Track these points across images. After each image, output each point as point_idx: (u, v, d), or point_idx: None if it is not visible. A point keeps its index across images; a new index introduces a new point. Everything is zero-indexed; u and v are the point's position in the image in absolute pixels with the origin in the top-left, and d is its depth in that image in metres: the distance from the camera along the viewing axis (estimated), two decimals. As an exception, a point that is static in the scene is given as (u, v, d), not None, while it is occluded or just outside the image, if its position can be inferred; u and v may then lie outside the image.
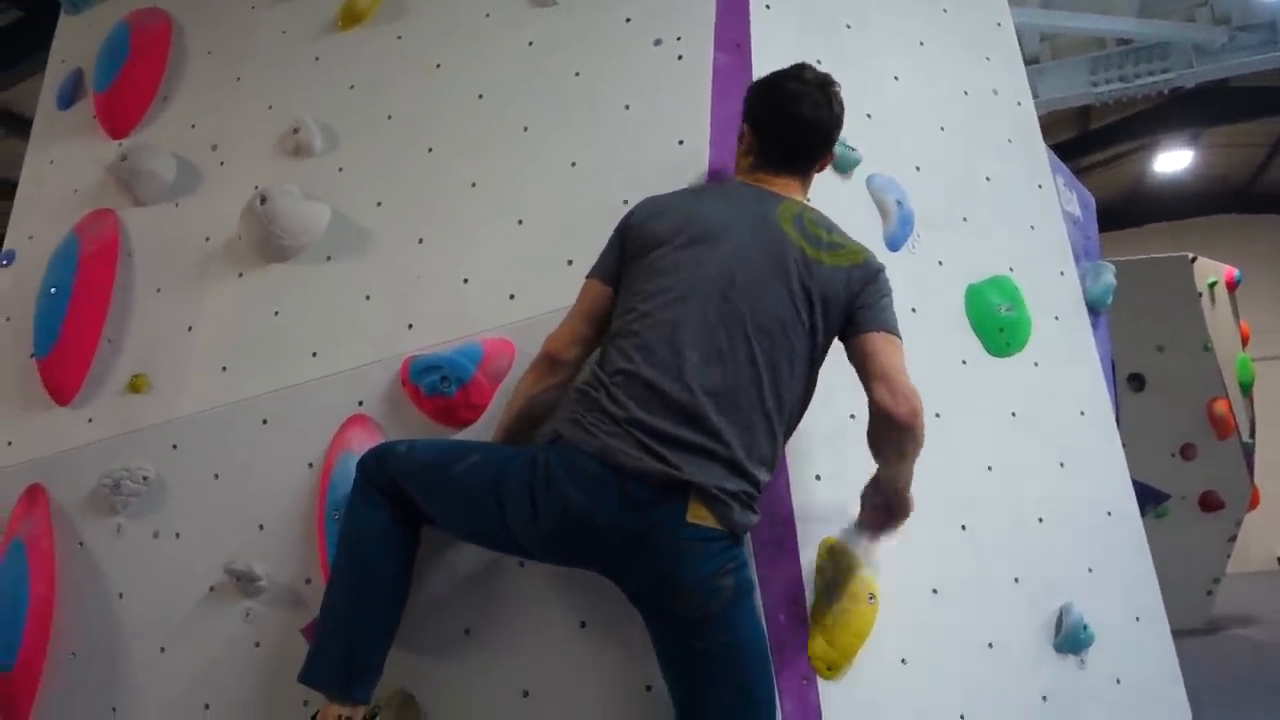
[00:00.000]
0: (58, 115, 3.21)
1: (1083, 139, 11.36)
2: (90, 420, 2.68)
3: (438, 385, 2.25)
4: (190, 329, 2.67)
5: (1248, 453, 7.75)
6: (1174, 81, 6.81)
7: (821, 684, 2.04)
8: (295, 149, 2.75)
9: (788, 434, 1.99)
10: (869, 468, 2.13)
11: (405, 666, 2.18)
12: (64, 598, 2.56)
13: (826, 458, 2.22)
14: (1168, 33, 6.55)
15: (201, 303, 2.69)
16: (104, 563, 2.55)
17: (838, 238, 2.02)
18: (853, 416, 2.26)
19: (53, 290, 2.75)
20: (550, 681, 2.12)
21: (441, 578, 2.24)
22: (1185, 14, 6.64)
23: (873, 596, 2.09)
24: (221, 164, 2.86)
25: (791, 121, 2.08)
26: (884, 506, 2.12)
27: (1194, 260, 7.63)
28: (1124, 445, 2.77)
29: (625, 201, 2.20)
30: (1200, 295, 7.60)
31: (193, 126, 2.96)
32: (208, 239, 2.76)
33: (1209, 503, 7.65)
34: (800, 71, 2.10)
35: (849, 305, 1.98)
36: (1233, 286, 8.18)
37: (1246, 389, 7.99)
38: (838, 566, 2.11)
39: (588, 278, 2.09)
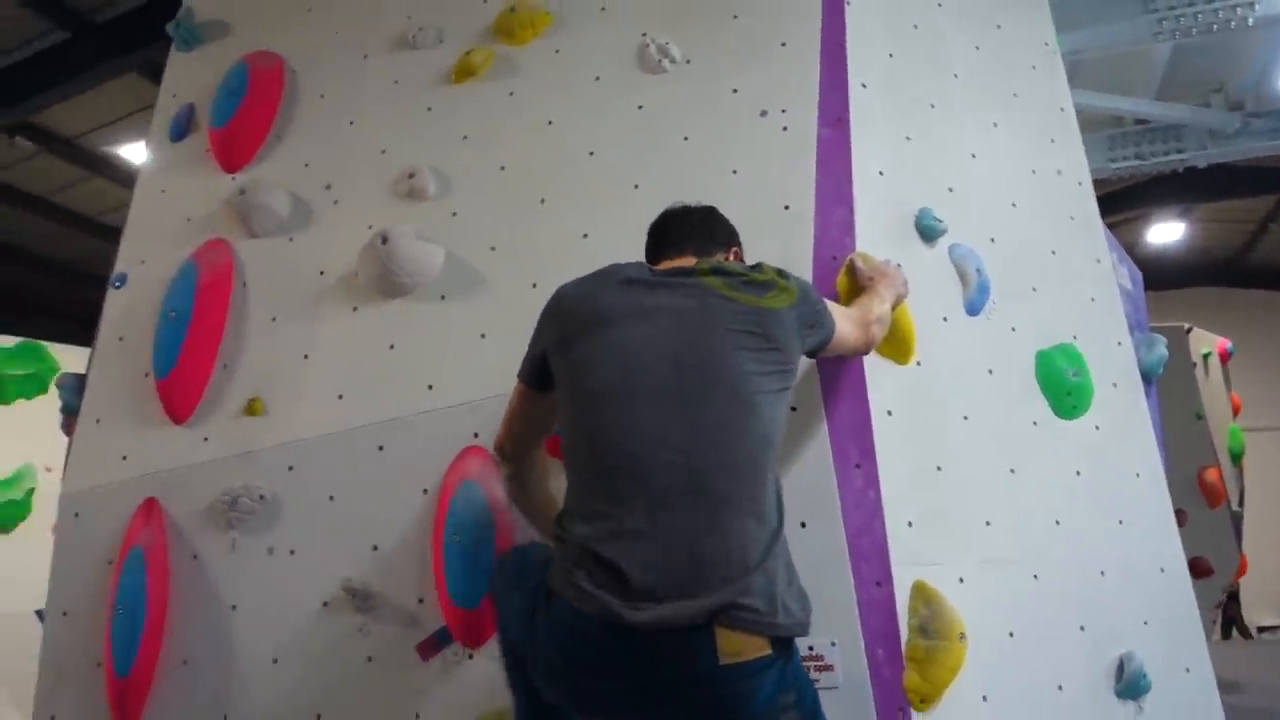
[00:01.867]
0: (169, 146, 3.37)
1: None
2: (205, 439, 2.81)
3: (555, 423, 2.41)
4: (306, 357, 2.82)
5: (1236, 521, 7.94)
6: (1187, 161, 7.12)
7: (915, 715, 2.20)
8: (410, 192, 2.92)
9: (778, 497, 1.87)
10: (959, 515, 2.33)
11: None
12: (177, 608, 2.67)
13: (917, 504, 2.38)
14: (1183, 115, 6.87)
15: (317, 333, 2.85)
16: (218, 576, 2.68)
17: (749, 284, 1.99)
18: (939, 469, 2.46)
19: (172, 314, 2.90)
20: None
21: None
22: (1201, 98, 6.97)
23: (963, 635, 2.25)
24: (335, 203, 3.03)
25: (663, 225, 2.26)
26: None
27: (1189, 331, 7.86)
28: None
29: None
30: (1195, 365, 7.84)
31: (306, 165, 3.13)
32: (322, 273, 2.92)
33: (1198, 569, 7.79)
34: (667, 212, 2.30)
35: (803, 343, 2.01)
36: (1226, 358, 8.43)
37: (1237, 458, 8.19)
38: (930, 606, 2.27)
39: None
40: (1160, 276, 15.83)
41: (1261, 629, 16.11)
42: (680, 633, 1.65)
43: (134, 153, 9.59)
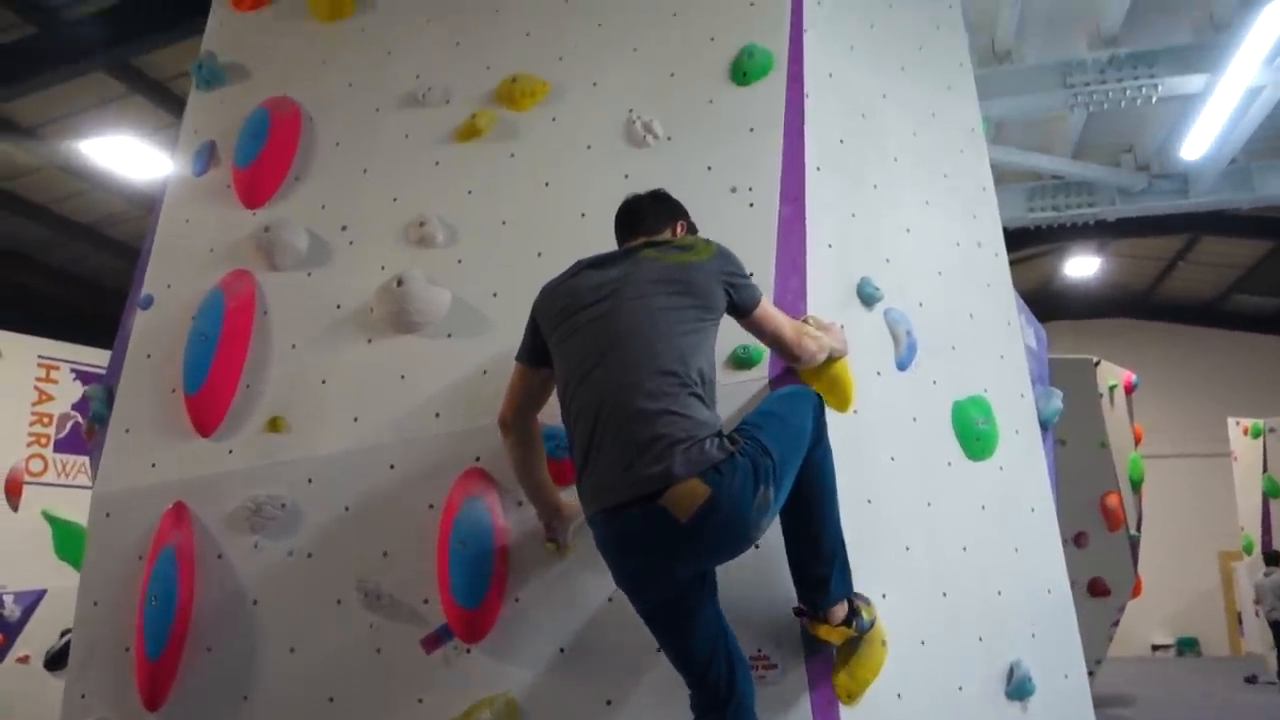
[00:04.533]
0: (192, 180, 3.70)
1: (1005, 236, 12.41)
2: (230, 452, 3.17)
3: (554, 450, 2.84)
4: (324, 382, 3.19)
5: (1134, 544, 8.44)
6: (1098, 215, 7.80)
7: (842, 709, 2.66)
8: (420, 239, 3.31)
9: (706, 382, 2.39)
10: (885, 541, 2.81)
11: (510, 676, 2.74)
12: (202, 600, 3.04)
13: (850, 531, 2.84)
14: (1096, 174, 7.54)
15: (334, 361, 3.22)
16: (241, 574, 3.05)
17: (680, 248, 2.56)
18: (869, 501, 2.92)
19: (203, 336, 3.24)
20: (631, 692, 2.70)
21: (540, 606, 2.81)
22: (1112, 159, 7.64)
23: (884, 642, 2.72)
24: (351, 243, 3.41)
25: (625, 212, 2.76)
26: None
27: (1098, 364, 8.41)
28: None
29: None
30: (1101, 396, 8.42)
31: (323, 207, 3.49)
32: (339, 306, 3.30)
33: (1096, 588, 8.28)
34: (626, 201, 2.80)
35: (728, 296, 2.51)
36: (1130, 390, 9.05)
37: (1136, 486, 8.77)
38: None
39: None
40: (1076, 307, 16.76)
41: (1155, 647, 17.09)
42: (641, 514, 2.23)
43: (93, 148, 9.70)
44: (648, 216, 2.73)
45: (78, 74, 8.38)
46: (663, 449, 2.23)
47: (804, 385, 2.76)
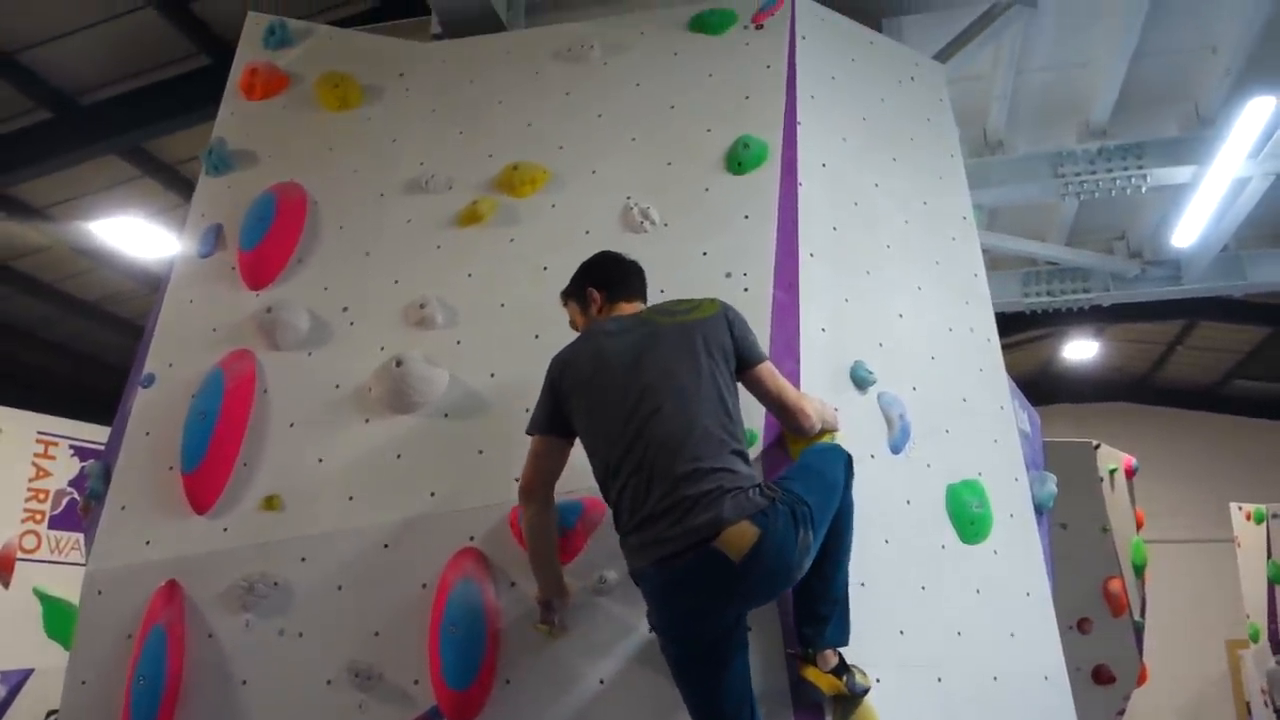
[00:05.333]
0: (197, 261, 3.78)
1: (1001, 320, 12.53)
2: (225, 530, 3.18)
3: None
4: (320, 461, 3.22)
5: (1138, 631, 8.39)
6: (1093, 300, 7.89)
7: (835, 795, 2.63)
8: (420, 321, 3.37)
9: (736, 423, 2.56)
10: (879, 625, 2.80)
11: None
12: (191, 681, 3.01)
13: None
14: (1089, 261, 7.65)
15: (331, 440, 3.25)
16: (231, 653, 3.03)
17: (686, 306, 2.73)
18: (863, 584, 2.92)
19: (202, 414, 3.28)
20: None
21: (531, 689, 2.79)
22: (1105, 246, 7.77)
23: (875, 730, 2.71)
24: (351, 324, 3.47)
25: (625, 269, 2.92)
26: None
27: (1098, 447, 8.41)
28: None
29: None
30: (1101, 480, 8.39)
31: (325, 289, 3.56)
32: (337, 386, 3.34)
33: (1101, 676, 8.20)
34: (608, 251, 2.99)
35: (734, 343, 2.67)
36: (1131, 474, 9.02)
37: (1140, 570, 8.70)
38: (850, 699, 2.72)
39: None
40: (1076, 391, 16.78)
41: (1160, 738, 16.67)
42: (696, 559, 2.33)
43: (102, 229, 9.86)
44: (640, 286, 2.93)
45: (91, 156, 8.58)
46: (713, 499, 2.36)
47: (835, 443, 2.81)
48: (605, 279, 2.89)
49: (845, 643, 2.68)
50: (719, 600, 2.40)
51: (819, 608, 2.65)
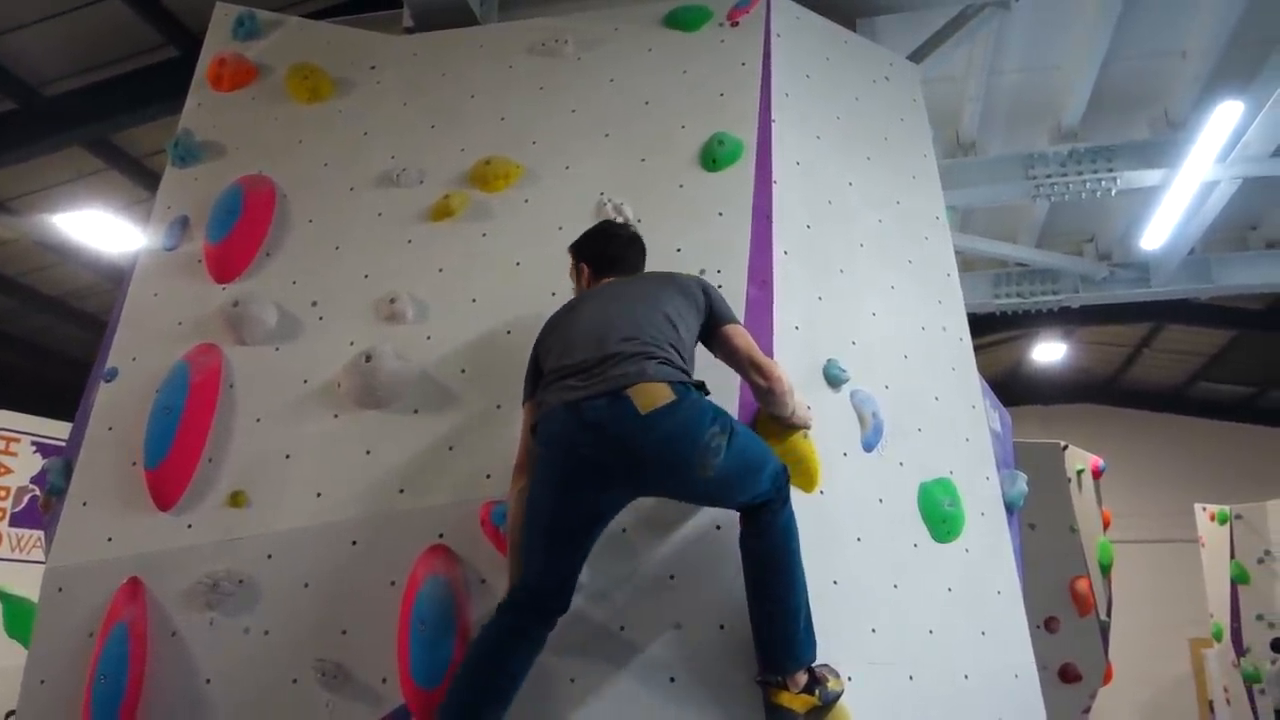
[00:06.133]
0: (163, 254, 3.71)
1: (972, 322, 12.64)
2: (190, 526, 3.13)
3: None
4: (288, 457, 3.17)
5: (1104, 630, 8.46)
6: (1062, 302, 7.97)
7: (807, 794, 2.62)
8: (390, 316, 3.33)
9: (683, 352, 2.64)
10: (850, 623, 2.79)
11: None
12: (154, 679, 2.95)
13: (816, 612, 2.82)
14: (1059, 263, 7.72)
15: (299, 435, 3.20)
16: (195, 651, 2.97)
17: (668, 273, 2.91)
18: (835, 583, 2.91)
19: (166, 409, 3.22)
20: None
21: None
22: (1075, 248, 7.85)
23: (847, 728, 2.70)
24: (320, 319, 3.42)
25: (612, 249, 2.99)
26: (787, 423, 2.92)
27: (1065, 448, 8.49)
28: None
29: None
30: (1069, 481, 8.46)
31: (294, 283, 3.51)
32: (305, 381, 3.29)
33: (1068, 674, 8.26)
34: (609, 225, 3.12)
35: (706, 299, 2.77)
36: (1098, 475, 9.11)
37: (1106, 570, 8.78)
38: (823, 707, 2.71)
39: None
40: (1044, 392, 16.94)
41: (1125, 735, 16.86)
42: (606, 403, 2.42)
43: (67, 222, 9.71)
44: (629, 257, 2.99)
45: (55, 148, 8.43)
46: (638, 360, 2.47)
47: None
48: (593, 255, 2.97)
49: (813, 657, 2.62)
50: (614, 455, 2.43)
51: (781, 631, 2.59)
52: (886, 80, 4.13)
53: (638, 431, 2.39)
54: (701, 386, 2.57)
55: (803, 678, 2.59)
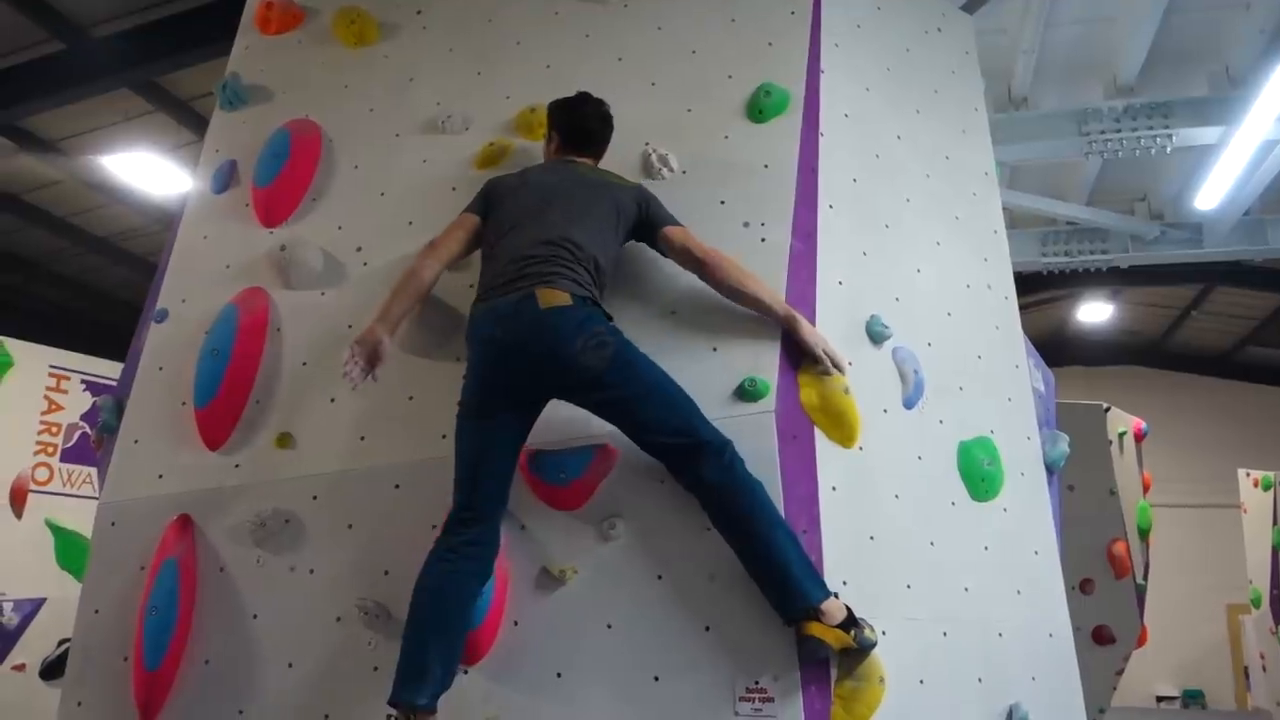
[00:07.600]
0: (211, 198, 3.75)
1: (1017, 281, 12.47)
2: (237, 466, 3.20)
3: (556, 477, 2.85)
4: (332, 401, 3.22)
5: (1140, 593, 8.39)
6: (1111, 262, 7.82)
7: (838, 744, 2.65)
8: (435, 263, 3.33)
9: (599, 270, 2.90)
10: (886, 578, 2.80)
11: (506, 699, 2.74)
12: (202, 613, 3.05)
13: (852, 567, 2.84)
14: (1109, 221, 7.56)
15: (342, 380, 3.23)
16: (242, 587, 3.06)
17: (614, 176, 3.14)
18: (872, 538, 2.92)
19: (214, 351, 3.27)
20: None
21: (539, 630, 2.81)
22: (1126, 206, 7.67)
23: (882, 679, 2.71)
24: (365, 264, 3.44)
25: (584, 124, 3.25)
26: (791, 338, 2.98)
27: (1108, 410, 8.41)
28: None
29: (715, 349, 2.90)
30: (1110, 443, 8.38)
31: (339, 228, 3.53)
32: (350, 326, 3.31)
33: (1101, 636, 8.22)
34: (585, 98, 3.27)
35: (641, 212, 3.02)
36: (1140, 438, 9.01)
37: (1144, 534, 8.71)
38: (857, 653, 2.73)
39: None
40: (1088, 353, 16.73)
41: (1159, 699, 16.87)
42: (516, 301, 2.77)
43: (114, 163, 9.82)
44: (597, 136, 3.26)
45: (103, 90, 8.50)
46: (550, 273, 2.80)
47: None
48: (566, 126, 3.25)
49: (825, 590, 2.63)
50: (520, 342, 2.74)
51: (779, 575, 2.62)
52: (939, 31, 4.04)
53: (535, 321, 2.73)
54: (601, 309, 2.85)
55: (839, 612, 2.61)
